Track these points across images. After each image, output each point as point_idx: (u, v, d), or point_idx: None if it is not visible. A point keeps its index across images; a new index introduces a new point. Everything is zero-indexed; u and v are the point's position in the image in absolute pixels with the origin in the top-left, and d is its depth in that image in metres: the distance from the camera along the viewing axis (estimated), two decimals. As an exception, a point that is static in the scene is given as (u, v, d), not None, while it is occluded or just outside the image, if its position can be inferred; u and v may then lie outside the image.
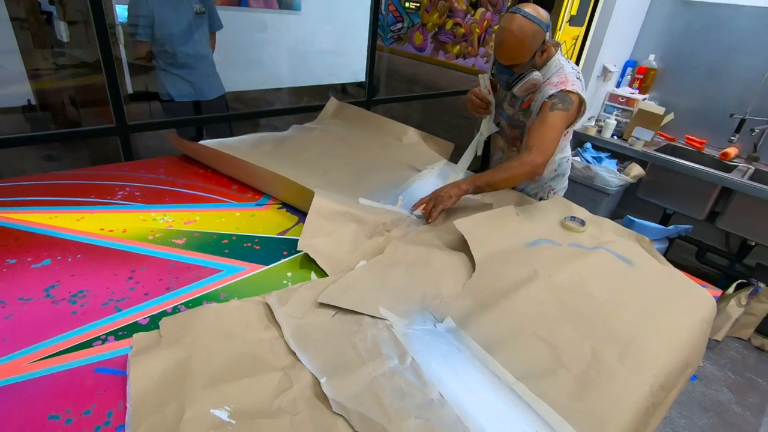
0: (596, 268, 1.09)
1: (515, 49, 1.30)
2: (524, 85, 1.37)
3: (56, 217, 1.10)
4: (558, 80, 1.35)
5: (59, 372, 0.70)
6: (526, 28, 1.27)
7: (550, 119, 1.32)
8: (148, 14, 2.14)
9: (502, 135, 1.61)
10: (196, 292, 0.91)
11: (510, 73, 1.37)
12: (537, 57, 1.35)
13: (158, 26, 2.18)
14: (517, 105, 1.50)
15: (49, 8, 4.06)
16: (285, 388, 0.72)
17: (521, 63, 1.34)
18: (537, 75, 1.36)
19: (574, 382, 0.79)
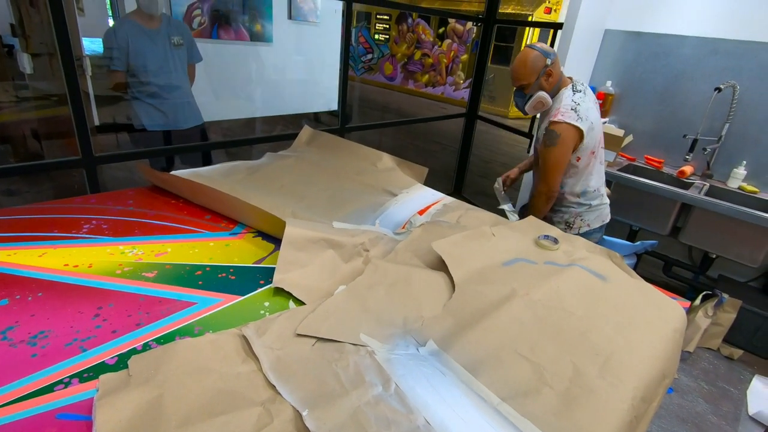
0: (572, 284, 1.12)
1: (519, 70, 1.60)
2: (532, 103, 1.62)
3: (15, 254, 1.04)
4: (554, 112, 1.60)
5: (16, 421, 0.65)
6: (528, 53, 1.59)
7: (543, 155, 1.63)
8: (123, 45, 2.15)
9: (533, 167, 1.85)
10: (168, 327, 0.87)
11: (522, 95, 1.65)
12: (543, 80, 1.60)
13: (132, 56, 2.19)
14: (538, 134, 1.72)
15: (11, 41, 3.98)
16: (265, 423, 0.69)
17: (528, 83, 1.60)
18: (543, 94, 1.61)
19: (558, 399, 0.79)
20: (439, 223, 1.37)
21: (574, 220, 1.79)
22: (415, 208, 1.54)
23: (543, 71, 1.58)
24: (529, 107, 1.65)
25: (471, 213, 1.53)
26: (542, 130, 1.65)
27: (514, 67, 1.61)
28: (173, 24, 2.34)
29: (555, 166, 1.61)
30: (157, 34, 2.24)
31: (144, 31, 2.20)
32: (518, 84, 1.63)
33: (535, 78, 1.59)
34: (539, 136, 1.68)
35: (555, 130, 1.56)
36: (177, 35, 2.30)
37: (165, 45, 2.26)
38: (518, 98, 1.68)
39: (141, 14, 2.19)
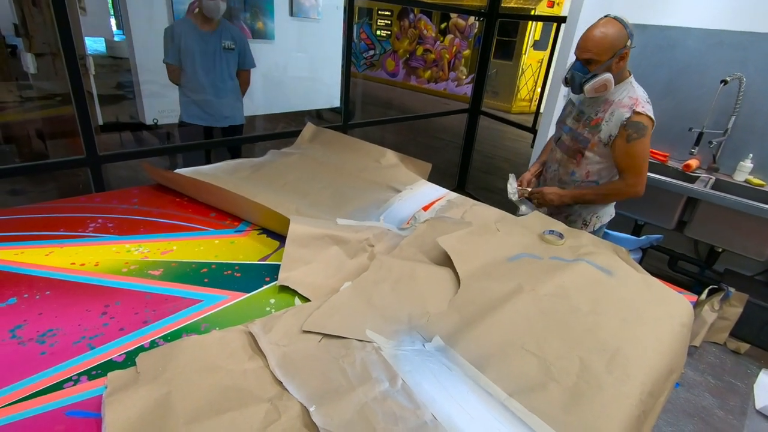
0: (578, 279, 1.11)
1: (597, 42, 1.41)
2: (596, 84, 1.45)
3: (22, 253, 1.05)
4: (630, 102, 1.46)
5: (27, 418, 0.65)
6: (612, 24, 1.41)
7: (632, 151, 1.48)
8: (177, 41, 2.32)
9: (562, 148, 1.70)
10: (174, 325, 0.88)
11: (585, 71, 1.47)
12: (615, 62, 1.44)
13: (183, 53, 2.35)
14: (583, 120, 1.59)
15: (14, 42, 3.99)
16: (273, 419, 0.69)
17: (599, 60, 1.43)
18: (609, 77, 1.44)
19: (565, 394, 0.79)
20: (443, 219, 1.36)
21: (591, 217, 1.73)
22: (420, 204, 1.54)
23: (620, 52, 1.42)
24: (590, 87, 1.46)
25: (475, 209, 1.53)
26: (616, 124, 1.48)
27: (592, 36, 1.42)
28: (228, 29, 2.46)
29: (646, 159, 1.51)
30: (210, 36, 2.38)
31: (198, 32, 2.35)
32: (588, 56, 1.43)
33: (609, 56, 1.42)
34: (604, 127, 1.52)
35: (642, 122, 1.45)
36: (229, 40, 2.44)
37: (216, 47, 2.41)
38: (578, 72, 1.48)
39: (200, 16, 2.34)
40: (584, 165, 1.62)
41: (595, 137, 1.55)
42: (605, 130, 1.52)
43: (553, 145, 1.75)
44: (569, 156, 1.66)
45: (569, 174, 1.68)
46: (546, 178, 1.81)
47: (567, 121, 1.68)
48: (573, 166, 1.65)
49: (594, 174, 1.62)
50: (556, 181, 1.74)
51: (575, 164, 1.64)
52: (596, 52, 1.42)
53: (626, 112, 1.46)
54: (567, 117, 1.69)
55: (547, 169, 1.80)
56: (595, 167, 1.61)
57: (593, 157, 1.59)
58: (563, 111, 1.75)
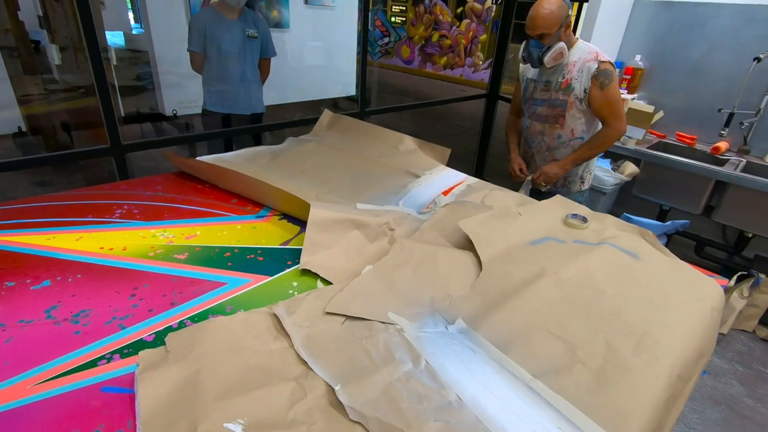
0: (603, 263, 1.09)
1: (544, 17, 1.56)
2: (553, 54, 1.61)
3: (54, 238, 1.08)
4: (592, 56, 1.64)
5: (64, 393, 0.68)
6: (554, 2, 1.57)
7: (608, 96, 1.64)
8: (202, 29, 2.32)
9: (540, 120, 1.84)
10: (201, 306, 0.90)
11: (540, 46, 1.62)
12: (563, 32, 1.61)
13: (208, 41, 2.35)
14: (553, 87, 1.75)
15: (36, 37, 4.09)
16: (299, 398, 0.70)
17: (549, 34, 1.59)
18: (563, 45, 1.61)
19: (591, 376, 0.78)
20: (464, 203, 1.35)
21: (585, 174, 1.90)
22: (439, 188, 1.53)
23: (565, 22, 1.59)
24: (549, 58, 1.62)
25: (496, 193, 1.51)
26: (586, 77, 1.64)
27: (537, 14, 1.58)
28: (252, 17, 2.46)
29: (620, 100, 1.67)
30: (235, 24, 2.38)
31: (223, 19, 2.35)
32: (539, 32, 1.60)
33: (557, 28, 1.58)
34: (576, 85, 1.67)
35: (608, 69, 1.62)
36: (253, 28, 2.45)
37: (240, 35, 2.41)
38: (534, 48, 1.64)
39: (224, 5, 2.34)
40: (568, 125, 1.78)
41: (570, 96, 1.71)
42: (578, 87, 1.68)
43: (527, 123, 1.90)
44: (551, 123, 1.81)
45: (556, 138, 1.82)
46: (531, 153, 1.95)
47: (535, 95, 1.83)
48: (558, 130, 1.81)
49: (578, 130, 1.79)
50: (544, 150, 1.88)
51: (559, 128, 1.79)
52: (546, 26, 1.58)
53: (593, 64, 1.63)
54: (533, 93, 1.83)
55: (530, 144, 1.94)
56: (577, 123, 1.77)
57: (574, 114, 1.75)
58: (525, 91, 1.88)
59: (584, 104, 1.71)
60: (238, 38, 2.41)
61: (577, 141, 1.81)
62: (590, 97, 1.67)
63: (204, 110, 2.54)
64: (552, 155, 1.87)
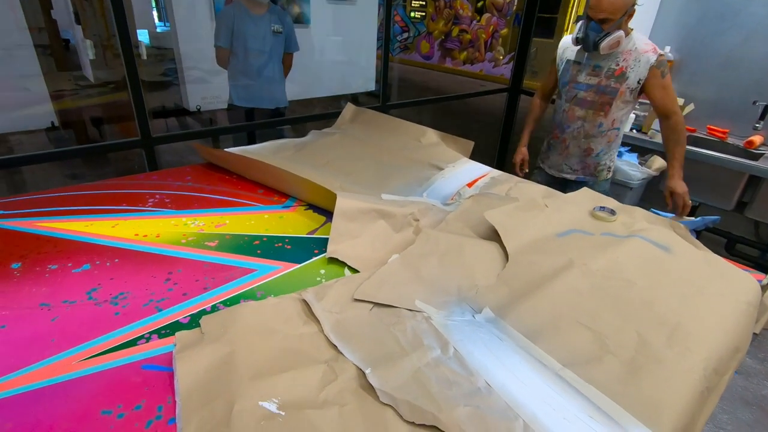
0: (632, 255, 1.07)
1: (613, 3, 1.52)
2: (611, 41, 1.58)
3: (92, 225, 1.12)
4: (650, 47, 1.63)
5: (107, 369, 0.71)
6: None
7: (667, 83, 1.65)
8: (230, 24, 2.37)
9: (583, 105, 1.79)
10: (232, 291, 0.92)
11: (599, 30, 1.59)
12: (625, 20, 1.58)
13: (235, 36, 2.40)
14: (604, 73, 1.70)
15: (65, 35, 4.22)
16: (330, 380, 0.71)
17: (613, 20, 1.55)
18: (622, 34, 1.58)
19: (623, 367, 0.77)
20: (489, 195, 1.34)
21: (611, 162, 1.89)
22: (463, 180, 1.52)
23: (629, 10, 1.55)
24: (606, 45, 1.59)
25: (521, 185, 1.49)
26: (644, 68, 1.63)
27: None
28: (277, 13, 2.51)
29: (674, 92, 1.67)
30: (261, 19, 2.43)
31: (249, 15, 2.39)
32: (603, 16, 1.55)
33: (621, 15, 1.54)
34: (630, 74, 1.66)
35: (665, 60, 1.63)
36: (278, 24, 2.49)
37: (266, 30, 2.46)
38: (593, 32, 1.60)
39: (251, 0, 2.38)
40: (611, 114, 1.75)
41: (623, 85, 1.68)
42: (632, 77, 1.65)
43: (564, 107, 1.85)
44: (595, 110, 1.76)
45: (596, 126, 1.79)
46: (562, 139, 1.90)
47: (579, 78, 1.77)
48: (600, 117, 1.77)
49: (618, 121, 1.77)
50: (581, 137, 1.84)
51: (603, 116, 1.76)
52: (611, 11, 1.53)
53: (652, 55, 1.62)
54: (577, 75, 1.78)
55: (563, 129, 1.88)
56: (620, 114, 1.75)
57: (619, 104, 1.72)
58: (564, 74, 1.83)
59: (632, 95, 1.69)
60: (264, 33, 2.44)
61: (613, 132, 1.78)
62: (650, 86, 1.65)
63: (230, 105, 2.59)
64: (588, 143, 1.83)
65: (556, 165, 1.97)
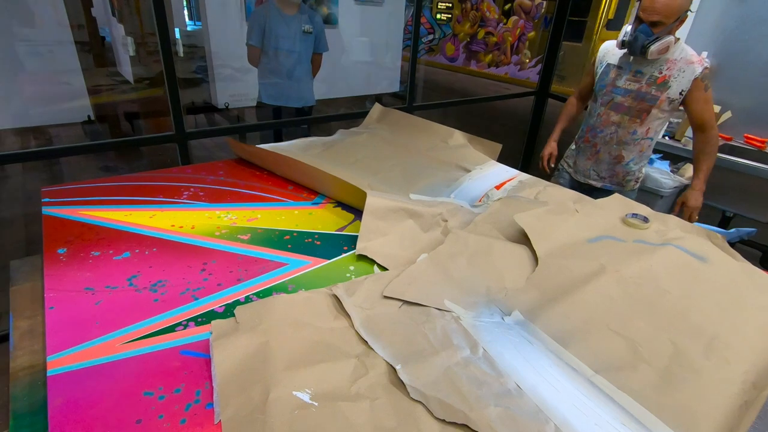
0: (666, 263, 1.05)
1: (668, 5, 1.47)
2: (660, 46, 1.54)
3: (131, 215, 1.16)
4: (696, 59, 1.59)
5: (148, 353, 0.73)
6: None
7: (709, 97, 1.62)
8: (262, 24, 2.43)
9: (619, 110, 1.75)
10: (264, 284, 0.94)
11: (649, 33, 1.54)
12: (676, 25, 1.53)
13: (266, 36, 2.46)
14: (646, 79, 1.66)
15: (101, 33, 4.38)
16: (361, 374, 0.72)
17: (665, 24, 1.51)
18: (671, 38, 1.54)
19: (657, 376, 0.75)
20: (517, 198, 1.33)
21: (641, 174, 1.85)
22: (491, 183, 1.51)
23: (682, 16, 1.51)
24: (655, 49, 1.54)
25: (550, 189, 1.48)
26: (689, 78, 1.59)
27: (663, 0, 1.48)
28: (308, 13, 2.55)
29: None
30: (292, 20, 2.48)
31: (282, 15, 2.45)
32: (656, 18, 1.50)
33: (674, 20, 1.50)
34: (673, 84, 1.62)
35: (709, 74, 1.60)
36: (308, 24, 2.53)
37: (296, 30, 2.51)
38: (643, 34, 1.54)
39: (284, 1, 2.43)
40: (647, 122, 1.70)
41: (663, 94, 1.63)
42: (675, 87, 1.61)
43: (599, 110, 1.81)
44: (632, 116, 1.72)
45: (630, 133, 1.75)
46: (593, 143, 1.86)
47: (618, 83, 1.73)
48: (636, 125, 1.73)
49: (652, 130, 1.72)
50: (613, 143, 1.80)
51: (639, 123, 1.72)
52: (665, 14, 1.48)
53: (698, 67, 1.57)
54: (616, 79, 1.74)
55: (596, 133, 1.84)
56: (655, 123, 1.70)
57: (657, 113, 1.67)
58: (605, 75, 1.78)
59: (672, 106, 1.65)
60: (294, 33, 2.49)
61: (646, 141, 1.74)
62: (691, 98, 1.61)
63: (259, 102, 2.64)
64: (620, 150, 1.80)
65: (583, 170, 1.94)
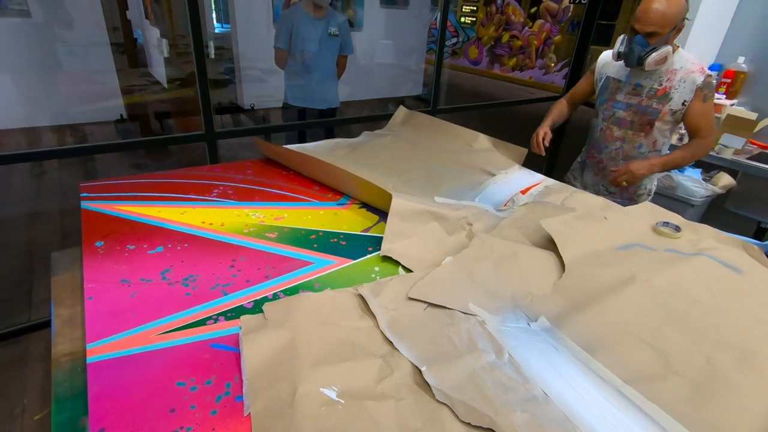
0: (699, 273, 1.02)
1: (661, 13, 1.40)
2: (657, 57, 1.47)
3: (163, 211, 1.20)
4: (697, 67, 1.51)
5: (181, 345, 0.76)
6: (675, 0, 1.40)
7: (708, 107, 1.54)
8: (290, 27, 2.47)
9: (622, 125, 1.70)
10: (291, 282, 0.96)
11: (645, 44, 1.46)
12: (672, 34, 1.46)
13: (294, 38, 2.50)
14: (646, 92, 1.60)
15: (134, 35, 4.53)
16: (386, 374, 0.73)
17: (661, 34, 1.43)
18: (669, 48, 1.47)
19: (689, 388, 0.73)
20: (544, 203, 1.32)
21: (651, 186, 1.78)
22: (517, 187, 1.50)
23: (679, 24, 1.43)
24: (651, 61, 1.47)
25: (577, 196, 1.45)
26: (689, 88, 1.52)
27: (654, 9, 1.39)
28: (335, 16, 2.59)
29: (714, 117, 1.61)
30: (319, 23, 2.51)
31: (309, 18, 2.49)
32: (651, 29, 1.42)
33: (670, 29, 1.42)
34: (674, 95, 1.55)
35: (712, 83, 1.52)
36: (335, 27, 2.56)
37: (323, 33, 2.54)
38: (639, 45, 1.47)
39: (311, 4, 2.47)
40: (652, 136, 1.65)
41: (665, 107, 1.57)
42: (677, 98, 1.55)
43: (601, 125, 1.76)
44: (636, 130, 1.67)
45: (635, 148, 1.69)
46: (598, 159, 1.81)
47: (618, 97, 1.67)
48: (641, 138, 1.68)
49: (659, 142, 1.66)
50: (619, 159, 1.74)
51: (643, 137, 1.67)
52: (661, 24, 1.41)
53: (699, 76, 1.50)
54: (616, 93, 1.68)
55: (600, 150, 1.79)
56: (661, 135, 1.65)
57: (660, 126, 1.62)
58: (604, 90, 1.72)
59: (675, 117, 1.59)
60: (321, 36, 2.52)
61: (654, 154, 1.67)
62: (689, 109, 1.55)
63: (285, 104, 2.68)
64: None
65: (593, 185, 1.86)
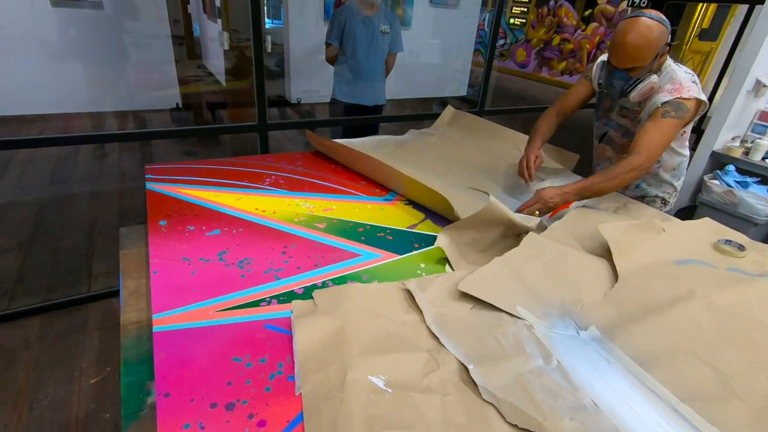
0: (765, 295, 0.96)
1: (640, 50, 1.25)
2: (642, 90, 1.31)
3: (220, 196, 1.26)
4: (672, 87, 1.31)
5: (237, 323, 0.79)
6: (653, 28, 1.23)
7: (662, 125, 1.29)
8: (342, 24, 2.51)
9: (612, 145, 1.58)
10: (340, 272, 0.98)
11: (626, 78, 1.32)
12: (657, 62, 1.30)
13: (345, 35, 2.54)
14: (630, 115, 1.46)
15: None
16: (433, 368, 0.73)
17: (642, 66, 1.29)
18: (655, 78, 1.30)
19: (751, 414, 0.69)
20: (596, 210, 1.28)
21: (668, 198, 1.59)
22: (566, 194, 1.46)
23: (662, 51, 1.27)
24: (637, 94, 1.31)
25: (631, 206, 1.40)
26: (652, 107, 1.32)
27: (633, 44, 1.23)
28: (386, 14, 2.62)
29: (669, 140, 1.32)
30: (371, 20, 2.54)
31: (361, 15, 2.52)
32: (630, 65, 1.28)
33: (652, 59, 1.27)
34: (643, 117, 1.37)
35: (686, 104, 1.29)
36: (386, 24, 2.59)
37: (374, 31, 2.57)
38: (619, 80, 1.32)
39: (364, 1, 2.51)
40: None
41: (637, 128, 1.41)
42: (644, 119, 1.37)
43: (596, 143, 1.65)
44: (619, 152, 1.55)
45: None
46: None
47: (611, 116, 1.54)
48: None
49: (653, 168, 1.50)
50: None
51: None
52: (640, 58, 1.26)
53: (666, 96, 1.30)
54: (608, 112, 1.55)
55: (595, 167, 1.68)
56: None
57: None
58: (600, 104, 1.58)
59: None
60: (372, 34, 2.54)
61: (648, 175, 1.53)
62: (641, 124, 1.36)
63: (332, 99, 2.73)
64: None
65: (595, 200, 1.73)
